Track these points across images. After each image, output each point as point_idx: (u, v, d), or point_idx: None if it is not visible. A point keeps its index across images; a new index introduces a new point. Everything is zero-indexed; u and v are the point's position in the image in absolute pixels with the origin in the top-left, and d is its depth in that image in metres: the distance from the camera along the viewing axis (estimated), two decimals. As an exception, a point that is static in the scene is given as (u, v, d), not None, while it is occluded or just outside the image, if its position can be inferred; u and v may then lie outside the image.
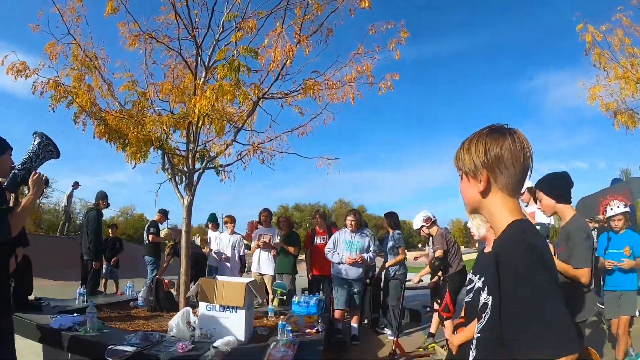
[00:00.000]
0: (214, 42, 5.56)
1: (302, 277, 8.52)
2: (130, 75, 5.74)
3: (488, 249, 2.84)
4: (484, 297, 1.40)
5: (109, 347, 3.78)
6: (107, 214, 7.44)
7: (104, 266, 9.85)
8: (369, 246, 6.49)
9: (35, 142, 2.67)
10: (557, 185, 3.49)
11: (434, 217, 6.71)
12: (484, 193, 1.43)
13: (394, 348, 5.77)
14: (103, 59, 5.66)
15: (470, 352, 1.47)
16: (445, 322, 5.86)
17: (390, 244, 7.20)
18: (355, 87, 5.59)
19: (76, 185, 14.12)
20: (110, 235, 11.07)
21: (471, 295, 2.13)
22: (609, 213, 4.64)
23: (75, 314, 4.81)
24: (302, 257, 8.18)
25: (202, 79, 5.53)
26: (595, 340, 5.58)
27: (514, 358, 1.16)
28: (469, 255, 11.67)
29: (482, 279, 1.54)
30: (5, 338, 2.68)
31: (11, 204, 2.86)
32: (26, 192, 3.16)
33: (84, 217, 7.67)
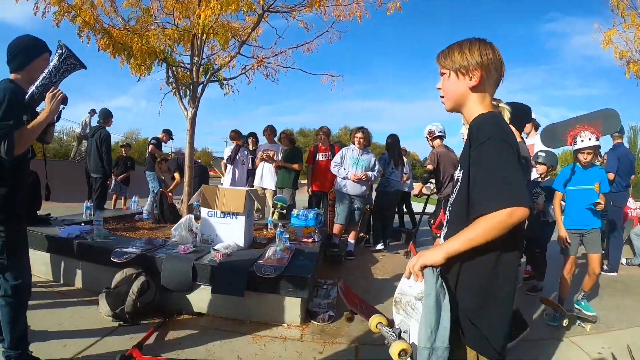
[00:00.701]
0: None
1: (303, 194, 8.74)
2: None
3: None
4: (456, 174, 1.67)
5: (115, 249, 4.06)
6: (112, 138, 7.37)
7: (113, 182, 10.12)
8: (374, 165, 6.60)
9: (57, 55, 2.52)
10: (515, 113, 3.65)
11: (439, 132, 6.74)
12: (475, 88, 1.64)
13: (408, 249, 6.07)
14: None
15: (442, 231, 1.77)
16: (437, 240, 6.06)
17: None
18: (362, 6, 5.49)
19: (92, 112, 14.01)
20: (124, 154, 11.25)
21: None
22: (578, 145, 4.19)
23: (82, 225, 5.10)
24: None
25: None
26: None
27: (478, 214, 1.41)
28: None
29: (460, 161, 1.73)
30: (23, 245, 2.81)
31: None
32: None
33: (92, 135, 7.64)
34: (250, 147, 8.73)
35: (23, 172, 2.73)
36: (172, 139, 10.55)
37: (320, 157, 7.67)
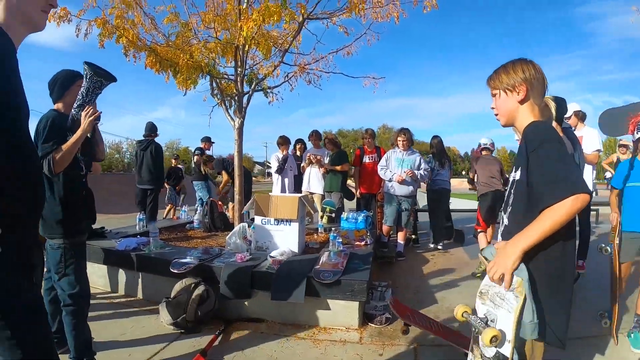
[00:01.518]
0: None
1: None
2: (173, 7, 5.78)
3: None
4: (513, 175, 1.86)
5: (174, 260, 4.17)
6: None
7: (168, 193, 10.41)
8: (419, 164, 6.57)
9: (84, 75, 2.63)
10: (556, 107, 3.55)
11: (484, 144, 6.81)
12: (523, 101, 1.86)
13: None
14: None
15: (499, 231, 1.95)
16: (479, 235, 6.03)
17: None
18: (399, 6, 5.46)
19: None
20: (174, 164, 11.55)
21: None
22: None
23: (138, 237, 5.28)
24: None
25: (246, 3, 5.54)
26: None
27: (547, 206, 1.57)
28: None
29: (515, 165, 1.92)
30: (81, 256, 2.94)
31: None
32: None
33: (142, 149, 7.80)
34: (298, 154, 8.80)
35: (78, 188, 2.91)
36: (213, 142, 10.66)
37: (366, 159, 7.70)
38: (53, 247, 2.75)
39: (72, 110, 2.70)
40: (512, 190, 1.87)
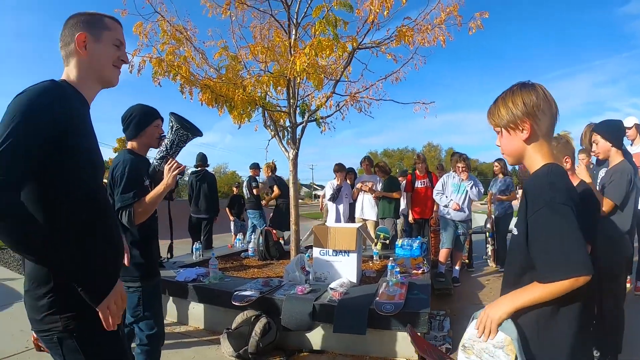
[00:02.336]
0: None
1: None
2: (223, 42, 5.98)
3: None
4: (513, 227, 1.74)
5: (235, 293, 4.25)
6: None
7: (232, 223, 10.59)
8: (472, 187, 6.49)
9: (169, 127, 2.62)
10: (615, 131, 3.54)
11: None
12: (529, 140, 1.62)
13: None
14: (191, 30, 5.83)
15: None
16: None
17: (500, 187, 7.86)
18: (445, 29, 5.47)
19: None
20: (235, 192, 11.69)
21: None
22: None
23: (197, 267, 5.41)
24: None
25: (294, 37, 5.70)
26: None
27: (545, 282, 1.46)
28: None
29: (517, 216, 1.75)
30: (157, 296, 3.01)
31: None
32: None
33: (198, 179, 8.02)
34: (349, 182, 8.85)
35: (154, 232, 2.96)
36: (261, 168, 10.78)
37: (418, 184, 7.68)
38: (129, 290, 2.72)
39: (154, 160, 2.71)
40: (511, 242, 1.75)
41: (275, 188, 9.00)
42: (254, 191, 9.68)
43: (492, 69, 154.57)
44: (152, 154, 2.94)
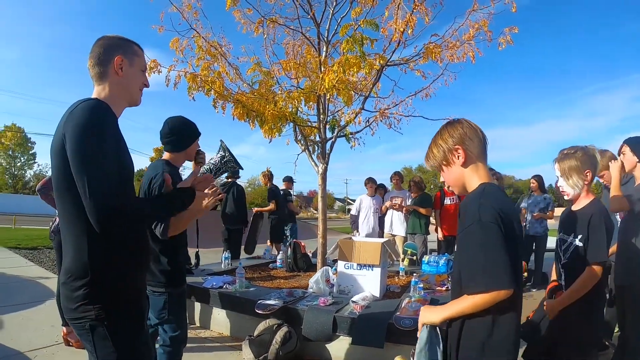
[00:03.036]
0: (330, 17, 5.80)
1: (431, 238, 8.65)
2: (256, 58, 6.14)
3: (576, 207, 2.73)
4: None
5: (259, 301, 4.35)
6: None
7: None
8: None
9: (219, 156, 2.74)
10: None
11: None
12: (465, 163, 1.78)
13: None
14: (226, 46, 6.03)
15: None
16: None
17: (540, 205, 7.93)
18: (474, 45, 5.48)
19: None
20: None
21: (567, 255, 2.62)
22: None
23: (224, 275, 5.54)
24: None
25: (324, 54, 5.85)
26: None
27: (468, 294, 1.61)
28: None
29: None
30: (182, 300, 3.14)
31: None
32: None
33: (225, 191, 8.19)
34: (380, 196, 8.87)
35: (182, 241, 3.08)
36: (295, 181, 10.68)
37: (447, 201, 7.64)
38: (155, 294, 2.86)
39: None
40: (454, 257, 1.89)
41: (272, 204, 9.01)
42: (288, 205, 9.79)
43: (527, 85, 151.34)
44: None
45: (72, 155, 1.57)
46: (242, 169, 2.77)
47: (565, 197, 2.76)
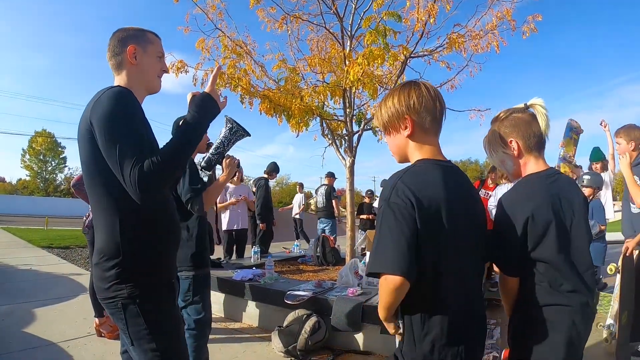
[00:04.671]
0: (353, 11, 5.82)
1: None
2: (281, 55, 6.23)
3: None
4: None
5: (288, 292, 4.41)
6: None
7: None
8: None
9: (227, 128, 2.86)
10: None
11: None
12: (412, 136, 1.61)
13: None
14: (251, 45, 6.12)
15: None
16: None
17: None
18: (498, 35, 5.42)
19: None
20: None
21: None
22: None
23: (254, 268, 5.62)
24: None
25: (348, 48, 5.87)
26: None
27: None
28: None
29: None
30: (207, 285, 3.25)
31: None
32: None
33: (256, 186, 8.37)
34: None
35: (205, 224, 3.23)
36: (336, 178, 10.61)
37: (482, 193, 7.53)
38: (182, 278, 2.98)
39: (209, 154, 2.83)
40: None
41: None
42: (334, 202, 9.86)
43: (555, 75, 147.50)
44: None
45: (103, 139, 1.62)
46: (250, 135, 2.86)
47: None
